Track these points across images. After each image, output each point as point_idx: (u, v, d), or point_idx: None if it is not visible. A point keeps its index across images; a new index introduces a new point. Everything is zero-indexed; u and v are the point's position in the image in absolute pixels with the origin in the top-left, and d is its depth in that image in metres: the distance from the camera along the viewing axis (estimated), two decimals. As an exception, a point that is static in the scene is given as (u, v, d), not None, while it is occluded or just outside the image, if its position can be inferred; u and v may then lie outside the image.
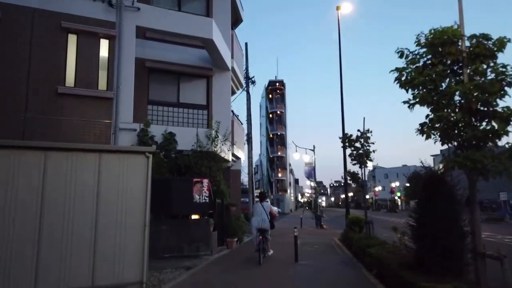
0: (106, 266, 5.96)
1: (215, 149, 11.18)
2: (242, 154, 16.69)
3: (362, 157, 11.81)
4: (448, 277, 5.14)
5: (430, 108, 4.68)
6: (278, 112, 63.53)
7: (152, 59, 12.48)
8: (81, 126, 9.58)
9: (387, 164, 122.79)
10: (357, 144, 11.99)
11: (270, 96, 65.00)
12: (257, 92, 76.89)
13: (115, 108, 9.95)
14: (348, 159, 12.58)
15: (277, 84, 64.78)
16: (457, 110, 4.39)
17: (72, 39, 10.08)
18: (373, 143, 11.83)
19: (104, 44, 10.38)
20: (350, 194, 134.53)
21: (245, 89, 26.78)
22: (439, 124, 4.54)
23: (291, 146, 64.87)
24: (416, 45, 4.94)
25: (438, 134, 4.76)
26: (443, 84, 4.59)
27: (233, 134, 13.84)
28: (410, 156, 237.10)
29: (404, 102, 4.93)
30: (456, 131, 4.45)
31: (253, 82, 26.88)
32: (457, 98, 4.45)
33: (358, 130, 11.84)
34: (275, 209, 36.40)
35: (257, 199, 16.57)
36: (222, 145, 11.65)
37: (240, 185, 16.61)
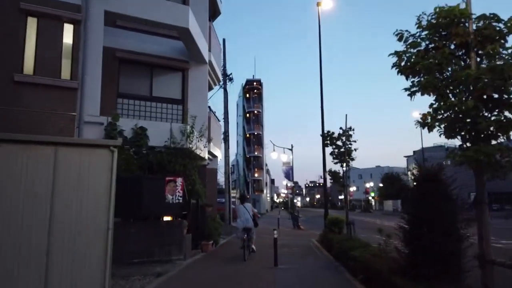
0: (62, 276, 5.17)
1: (190, 145, 10.46)
2: (219, 152, 16.01)
3: (343, 155, 11.40)
4: (445, 283, 4.71)
5: (435, 97, 4.21)
6: (255, 111, 63.06)
7: (123, 49, 11.62)
8: (41, 118, 8.65)
9: (361, 165, 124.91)
10: (339, 142, 11.57)
11: (248, 95, 64.44)
12: (234, 91, 76.20)
13: (79, 99, 9.08)
14: (330, 158, 12.16)
15: (255, 83, 64.28)
16: (464, 98, 3.92)
17: (32, 23, 9.12)
18: (355, 141, 11.45)
19: (68, 30, 9.47)
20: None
21: (222, 86, 26.20)
22: (445, 114, 4.07)
23: (268, 146, 64.61)
24: (417, 27, 4.48)
25: (443, 125, 4.27)
26: (449, 69, 4.14)
27: (209, 131, 13.15)
28: (383, 157, 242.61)
29: (405, 89, 4.45)
30: (464, 122, 3.97)
31: (231, 79, 26.30)
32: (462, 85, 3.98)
33: (340, 128, 11.43)
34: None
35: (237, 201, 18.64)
36: (198, 141, 10.93)
37: (216, 184, 15.88)
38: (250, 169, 61.68)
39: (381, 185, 73.42)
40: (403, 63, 4.44)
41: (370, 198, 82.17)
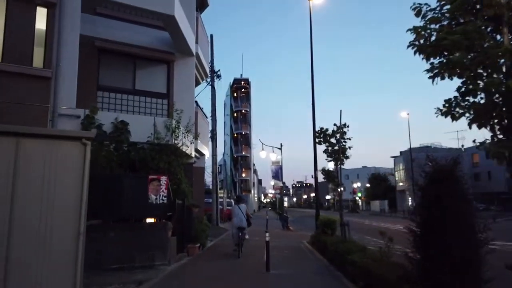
0: (23, 289, 4.44)
1: (176, 141, 9.74)
2: (207, 151, 15.31)
3: (337, 153, 10.85)
4: (463, 295, 4.16)
5: (464, 78, 3.62)
6: (243, 111, 62.37)
7: (103, 38, 10.83)
8: (10, 110, 7.81)
9: (348, 165, 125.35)
10: (333, 140, 11.02)
11: (235, 94, 63.70)
12: (222, 89, 75.36)
13: (53, 89, 8.27)
14: (323, 156, 11.60)
15: (242, 82, 63.57)
16: (503, 78, 3.35)
17: (0, 5, 8.27)
18: (349, 139, 10.91)
19: (41, 14, 8.63)
20: (312, 194, 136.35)
21: (210, 83, 25.48)
22: (476, 99, 3.51)
23: (256, 146, 64.01)
24: (438, 1, 3.90)
25: (472, 113, 3.69)
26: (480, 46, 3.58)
27: (196, 127, 12.44)
28: (369, 158, 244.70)
29: (427, 71, 3.87)
30: (501, 107, 3.40)
31: (219, 76, 25.59)
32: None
33: (334, 124, 10.88)
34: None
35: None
36: (184, 137, 10.21)
37: (204, 184, 15.14)
38: (238, 169, 60.96)
39: (368, 185, 73.58)
40: (422, 41, 3.84)
41: (357, 198, 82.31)
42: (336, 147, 10.89)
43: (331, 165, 11.33)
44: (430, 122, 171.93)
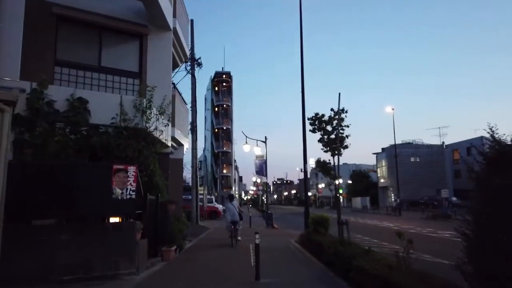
0: None
1: (148, 125, 8.19)
2: (186, 142, 13.75)
3: (334, 143, 9.53)
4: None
5: None
6: (225, 105, 60.67)
7: (63, 4, 9.14)
8: None
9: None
10: (329, 127, 9.69)
11: (216, 88, 61.91)
12: (203, 82, 73.18)
13: (-11, 56, 6.59)
14: (317, 146, 10.26)
15: (224, 76, 61.83)
16: None
17: None
18: (347, 126, 9.62)
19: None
20: (293, 191, 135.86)
21: (190, 71, 23.83)
22: None
23: (237, 141, 62.46)
24: None
25: None
26: None
27: (174, 112, 10.88)
28: (349, 154, 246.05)
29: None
30: None
31: (199, 64, 23.94)
32: None
33: (332, 110, 9.55)
34: (219, 206, 33.52)
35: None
36: (157, 120, 8.64)
37: (182, 177, 13.57)
38: (219, 165, 59.34)
39: (349, 182, 73.29)
40: None
41: (338, 195, 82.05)
42: (333, 136, 9.57)
43: (333, 156, 9.98)
44: (411, 119, 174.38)
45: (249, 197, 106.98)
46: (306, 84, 14.26)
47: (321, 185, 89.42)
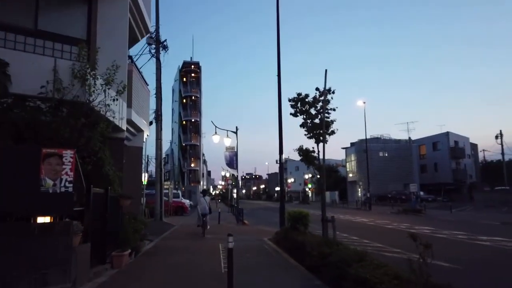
0: None
1: (91, 98, 6.52)
2: (147, 128, 12.05)
3: (319, 128, 8.26)
4: None
5: None
6: (193, 97, 58.35)
7: None
8: None
9: (297, 156, 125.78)
10: (313, 110, 8.41)
11: (185, 79, 59.47)
12: (169, 73, 70.41)
13: None
14: (298, 133, 8.93)
15: (193, 66, 59.45)
16: None
17: None
18: (333, 110, 8.37)
19: None
20: (262, 186, 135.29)
21: (155, 55, 21.92)
22: None
23: (205, 134, 60.48)
24: None
25: None
26: None
27: (131, 91, 9.19)
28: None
29: None
30: None
31: (165, 48, 22.08)
32: None
33: (317, 89, 8.25)
34: (187, 201, 31.64)
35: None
36: (105, 93, 6.94)
37: (141, 168, 11.80)
38: (186, 158, 57.17)
39: (318, 176, 73.34)
40: None
41: (307, 189, 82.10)
42: (317, 120, 8.29)
43: (317, 143, 8.67)
44: (379, 114, 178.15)
45: (217, 192, 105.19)
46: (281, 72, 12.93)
47: (290, 180, 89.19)
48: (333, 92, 8.13)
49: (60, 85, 6.10)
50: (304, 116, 8.33)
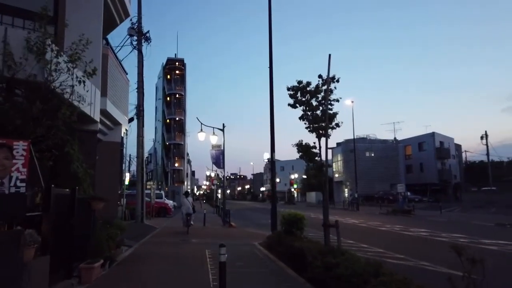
0: None
1: (52, 78, 5.38)
2: (125, 122, 10.87)
3: (322, 121, 7.30)
4: None
5: None
6: (177, 94, 56.83)
7: None
8: None
9: (282, 157, 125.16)
10: (314, 102, 7.43)
11: (169, 76, 57.88)
12: (153, 69, 68.63)
13: None
14: (298, 126, 7.96)
15: (177, 63, 57.86)
16: None
17: None
18: (337, 101, 7.44)
19: None
20: (247, 186, 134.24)
21: (137, 47, 20.67)
22: None
23: (190, 134, 59.04)
24: None
25: None
26: None
27: (106, 78, 8.04)
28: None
29: None
30: None
31: (148, 39, 20.80)
32: None
33: (320, 76, 7.29)
34: (170, 202, 30.51)
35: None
36: (72, 77, 5.80)
37: (118, 166, 10.52)
38: (170, 158, 55.62)
39: (304, 176, 72.73)
40: None
41: (292, 190, 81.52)
42: (319, 112, 7.32)
43: (318, 138, 7.69)
44: (365, 114, 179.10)
45: (201, 192, 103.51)
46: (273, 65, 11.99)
47: (276, 180, 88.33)
48: (337, 81, 7.24)
49: (11, 60, 4.95)
50: (304, 108, 7.37)
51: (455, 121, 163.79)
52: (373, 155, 54.31)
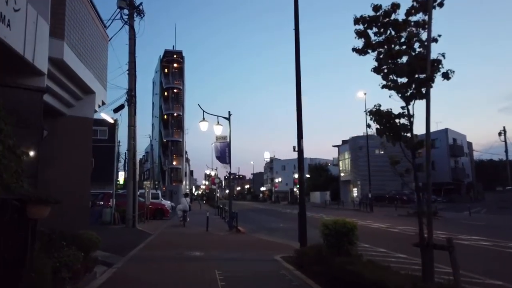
0: None
1: None
2: (102, 92, 7.85)
3: (413, 72, 4.39)
4: None
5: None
6: (175, 89, 53.81)
7: None
8: None
9: (283, 156, 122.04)
10: (403, 34, 4.52)
11: (166, 70, 54.87)
12: (150, 65, 65.37)
13: None
14: (369, 81, 5.02)
15: (175, 55, 54.85)
16: None
17: None
18: (435, 41, 4.51)
19: None
20: (247, 186, 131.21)
21: (128, 21, 17.72)
22: None
23: (189, 131, 56.05)
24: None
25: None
26: None
27: (63, 13, 5.08)
28: (308, 148, 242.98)
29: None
30: None
31: (140, 13, 17.88)
32: None
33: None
34: (167, 202, 27.56)
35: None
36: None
37: (90, 153, 7.30)
38: (168, 155, 52.61)
39: (308, 176, 69.84)
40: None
41: (295, 189, 78.61)
42: (413, 52, 4.41)
43: (409, 100, 4.71)
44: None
45: (200, 192, 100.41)
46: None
47: (277, 180, 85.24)
48: (440, 5, 4.30)
49: None
50: (383, 50, 4.44)
51: (455, 121, 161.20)
52: (382, 152, 51.41)
